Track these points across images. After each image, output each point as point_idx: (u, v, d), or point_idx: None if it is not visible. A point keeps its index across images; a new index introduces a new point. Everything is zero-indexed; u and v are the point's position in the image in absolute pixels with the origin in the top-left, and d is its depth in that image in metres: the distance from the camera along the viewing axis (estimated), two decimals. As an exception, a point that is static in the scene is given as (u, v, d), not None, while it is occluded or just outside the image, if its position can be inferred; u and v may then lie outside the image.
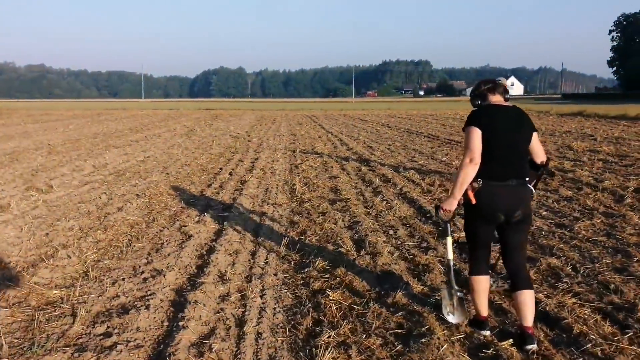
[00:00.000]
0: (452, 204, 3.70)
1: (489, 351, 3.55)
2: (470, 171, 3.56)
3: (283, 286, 4.74)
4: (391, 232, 6.51)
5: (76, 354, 3.38)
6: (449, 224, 4.03)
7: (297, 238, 6.26)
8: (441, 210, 3.79)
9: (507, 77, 10.27)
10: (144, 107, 63.26)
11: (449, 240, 4.02)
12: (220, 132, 22.77)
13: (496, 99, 3.78)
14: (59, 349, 3.46)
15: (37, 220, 6.99)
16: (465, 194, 3.67)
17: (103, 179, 10.36)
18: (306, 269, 5.12)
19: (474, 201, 3.64)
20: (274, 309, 4.22)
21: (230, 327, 3.83)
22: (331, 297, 4.37)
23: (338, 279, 4.84)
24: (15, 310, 4.05)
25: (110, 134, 21.49)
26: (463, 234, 4.24)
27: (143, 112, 46.16)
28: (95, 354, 3.37)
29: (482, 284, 3.81)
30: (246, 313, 4.05)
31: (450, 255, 4.00)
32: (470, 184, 3.61)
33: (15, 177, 10.36)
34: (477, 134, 3.56)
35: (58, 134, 21.41)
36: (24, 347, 3.50)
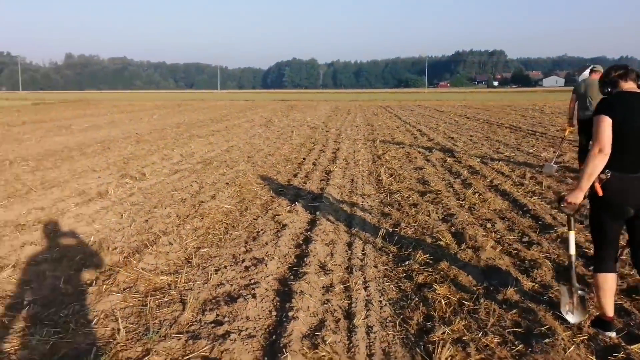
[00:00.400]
0: (577, 197, 3.43)
1: (619, 354, 3.26)
2: (599, 162, 3.30)
3: (385, 279, 4.60)
4: (489, 225, 6.22)
5: (190, 341, 3.39)
6: (572, 218, 3.73)
7: (391, 230, 6.09)
8: (565, 203, 3.52)
9: (587, 67, 9.61)
10: (220, 98, 64.92)
11: (572, 235, 3.74)
12: (298, 122, 22.88)
13: (628, 85, 3.49)
14: (172, 335, 3.48)
15: (135, 207, 7.21)
16: (592, 186, 3.40)
17: (191, 167, 10.60)
18: (407, 262, 4.95)
19: (600, 193, 3.37)
20: (380, 301, 4.08)
21: (339, 319, 3.73)
22: (438, 292, 4.18)
23: (442, 273, 4.64)
24: (127, 296, 4.14)
25: (192, 124, 22.10)
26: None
27: (220, 103, 47.31)
28: (209, 342, 3.36)
29: (609, 282, 3.53)
30: (352, 305, 3.94)
31: (573, 251, 3.72)
32: (598, 175, 3.34)
33: (109, 165, 10.80)
34: (607, 123, 3.29)
35: (144, 124, 22.26)
36: (140, 332, 3.55)
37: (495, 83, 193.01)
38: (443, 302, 4.00)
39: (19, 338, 3.45)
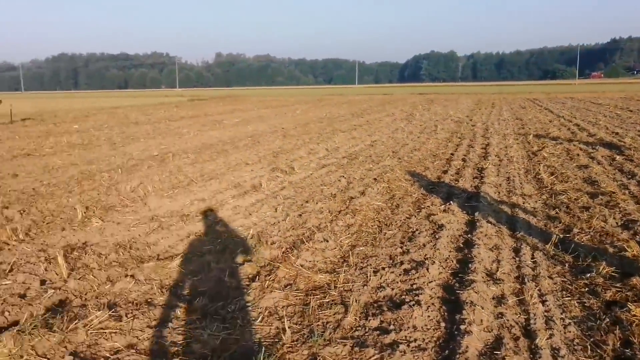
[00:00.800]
0: None
1: None
2: None
3: (564, 292, 4.08)
4: (685, 236, 5.35)
5: (356, 349, 3.22)
6: None
7: (562, 235, 5.48)
8: None
9: None
10: (358, 93, 65.41)
11: None
12: (440, 116, 22.17)
13: None
14: (337, 340, 3.34)
15: (288, 201, 7.29)
16: None
17: (337, 162, 10.59)
18: (588, 274, 4.38)
19: None
20: (562, 319, 3.61)
21: (518, 337, 3.33)
22: (634, 313, 3.60)
23: (635, 290, 4.02)
24: (289, 293, 4.09)
25: (334, 119, 22.36)
26: None
27: (359, 98, 47.58)
28: (377, 351, 3.16)
29: None
30: (531, 322, 3.52)
31: None
32: None
33: (260, 159, 11.17)
34: None
35: (288, 119, 22.97)
36: (304, 334, 3.46)
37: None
38: (642, 326, 3.44)
39: (191, 330, 3.53)
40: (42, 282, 4.46)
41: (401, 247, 5.19)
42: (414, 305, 3.74)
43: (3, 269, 4.73)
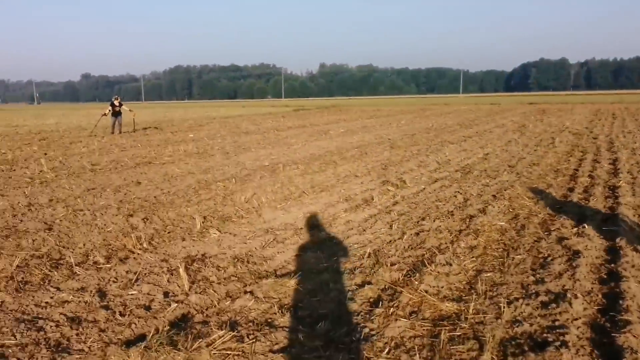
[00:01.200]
0: None
1: None
2: None
3: None
4: None
5: (498, 394, 2.89)
6: None
7: None
8: None
9: None
10: (463, 102, 63.57)
11: None
12: (556, 127, 20.81)
13: None
14: (475, 381, 3.02)
15: (402, 217, 7.00)
16: None
17: (450, 175, 10.14)
18: None
19: None
20: None
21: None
22: None
23: None
24: (415, 323, 3.81)
25: (441, 129, 21.72)
26: None
27: (465, 107, 46.17)
28: (523, 400, 2.81)
29: None
30: None
31: None
32: None
33: (369, 171, 10.96)
34: None
35: (393, 129, 22.64)
36: (438, 370, 3.18)
37: None
38: None
39: (316, 359, 3.36)
40: (166, 294, 4.52)
41: (534, 275, 4.72)
42: (560, 346, 3.32)
43: (129, 278, 4.87)
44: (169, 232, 6.48)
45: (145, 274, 5.00)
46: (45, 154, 15.04)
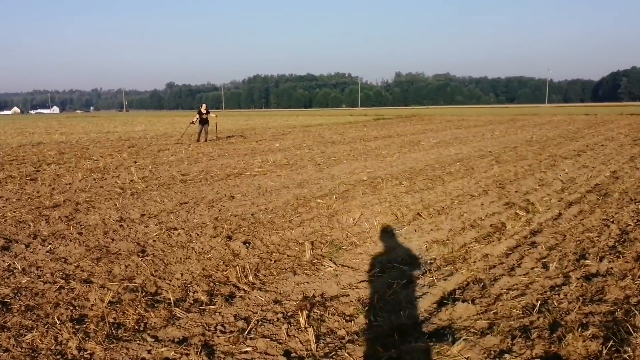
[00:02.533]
0: None
1: None
2: None
3: None
4: None
5: None
6: None
7: None
8: None
9: None
10: (552, 112, 60.03)
11: None
12: (681, 141, 18.48)
13: None
14: None
15: (553, 252, 5.71)
16: None
17: (584, 198, 8.65)
18: None
19: None
20: None
21: None
22: None
23: None
24: None
25: (544, 142, 19.84)
26: None
27: (558, 118, 43.23)
28: None
29: None
30: None
31: None
32: None
33: (484, 189, 9.65)
34: None
35: (489, 140, 21.00)
36: None
37: None
38: None
39: None
40: (286, 354, 3.54)
41: None
42: None
43: (239, 326, 3.94)
44: (275, 262, 5.55)
45: (257, 320, 4.05)
46: (135, 161, 14.75)
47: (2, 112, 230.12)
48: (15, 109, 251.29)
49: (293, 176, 11.62)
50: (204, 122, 21.94)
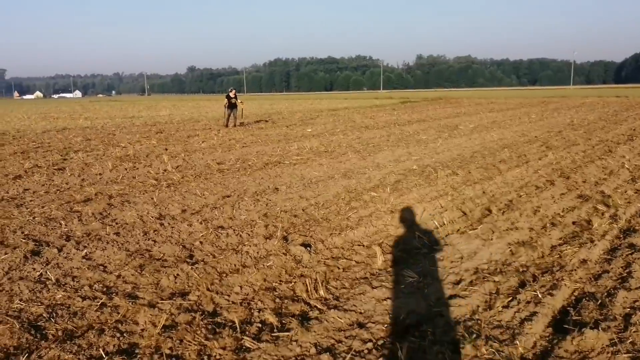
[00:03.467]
0: None
1: None
2: None
3: None
4: None
5: None
6: None
7: None
8: None
9: None
10: (580, 95, 58.22)
11: None
12: None
13: None
14: None
15: (661, 259, 4.93)
16: None
17: (666, 191, 7.81)
18: None
19: None
20: None
21: None
22: None
23: None
24: None
25: (587, 126, 18.76)
26: None
27: (590, 100, 41.74)
28: None
29: None
30: None
31: None
32: None
33: (548, 180, 8.80)
34: None
35: (528, 124, 20.01)
36: None
37: None
38: None
39: None
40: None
41: None
42: None
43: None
44: (344, 270, 4.86)
45: (344, 352, 3.36)
46: (166, 149, 14.15)
47: (25, 97, 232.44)
48: (38, 94, 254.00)
49: (335, 165, 10.89)
50: (232, 106, 21.31)
